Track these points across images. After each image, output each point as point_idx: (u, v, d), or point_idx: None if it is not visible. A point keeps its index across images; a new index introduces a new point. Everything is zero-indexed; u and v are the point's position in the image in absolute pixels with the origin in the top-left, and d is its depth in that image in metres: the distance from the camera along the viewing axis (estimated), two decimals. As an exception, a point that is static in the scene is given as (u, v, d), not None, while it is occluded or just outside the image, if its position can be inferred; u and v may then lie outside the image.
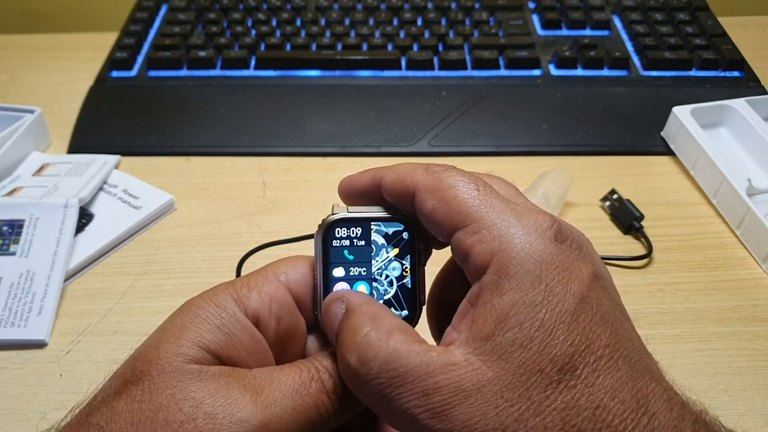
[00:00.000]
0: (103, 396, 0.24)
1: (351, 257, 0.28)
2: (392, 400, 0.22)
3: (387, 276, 0.28)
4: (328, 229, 0.27)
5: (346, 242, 0.28)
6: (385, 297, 0.28)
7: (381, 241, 0.28)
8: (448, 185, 0.25)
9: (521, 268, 0.22)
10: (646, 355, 0.22)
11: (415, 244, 0.28)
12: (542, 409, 0.20)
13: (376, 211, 0.28)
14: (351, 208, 0.28)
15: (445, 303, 0.27)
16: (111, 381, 0.25)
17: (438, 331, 0.30)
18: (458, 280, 0.30)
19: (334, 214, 0.28)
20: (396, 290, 0.28)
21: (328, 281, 0.28)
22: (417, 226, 0.28)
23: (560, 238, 0.23)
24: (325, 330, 0.26)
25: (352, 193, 0.28)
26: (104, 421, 0.23)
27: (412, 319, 0.28)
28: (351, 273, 0.28)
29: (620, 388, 0.21)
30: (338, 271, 0.28)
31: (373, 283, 0.28)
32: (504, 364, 0.21)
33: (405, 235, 0.28)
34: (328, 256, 0.27)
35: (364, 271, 0.28)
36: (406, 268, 0.28)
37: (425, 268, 0.28)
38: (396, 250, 0.28)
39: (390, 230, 0.28)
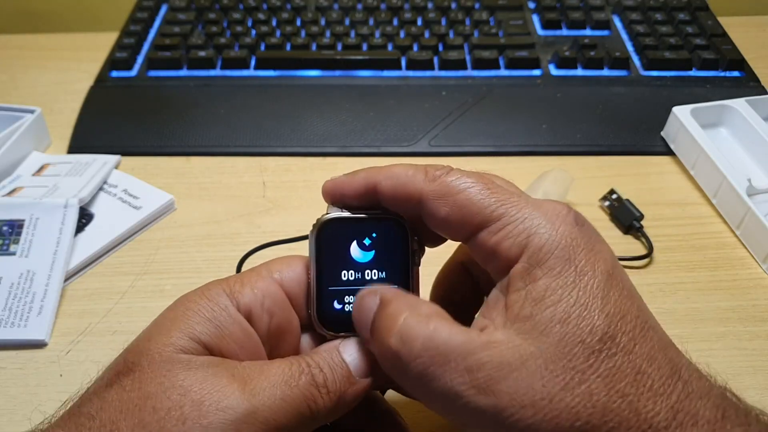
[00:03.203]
0: (96, 387, 0.25)
1: (345, 256, 0.28)
2: (435, 378, 0.22)
3: (380, 275, 0.28)
4: (321, 228, 0.28)
5: (341, 241, 0.28)
6: None
7: (375, 239, 0.28)
8: (458, 189, 0.25)
9: (551, 254, 0.23)
10: (663, 331, 0.24)
11: (408, 244, 0.28)
12: (587, 377, 0.21)
13: (370, 211, 0.28)
14: (344, 208, 0.28)
15: (449, 303, 0.27)
16: (104, 373, 0.25)
17: None
18: (461, 279, 0.30)
19: (328, 214, 0.28)
20: None
21: (322, 280, 0.28)
22: (410, 226, 0.28)
23: (579, 222, 0.24)
24: (358, 325, 0.26)
25: (342, 197, 0.28)
26: (95, 410, 0.23)
27: None
28: (344, 272, 0.28)
29: (655, 356, 0.22)
30: (332, 270, 0.28)
31: (367, 282, 0.28)
32: (545, 338, 0.22)
33: (398, 234, 0.28)
34: (321, 255, 0.28)
35: (357, 270, 0.28)
36: (400, 267, 0.28)
37: (419, 268, 0.28)
38: (390, 249, 0.28)
39: (384, 229, 0.28)
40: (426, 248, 0.29)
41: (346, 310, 0.28)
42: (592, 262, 0.23)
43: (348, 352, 0.26)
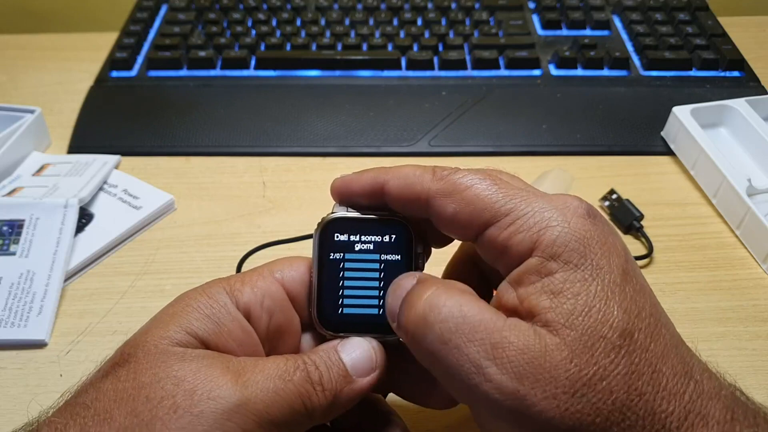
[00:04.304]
0: (92, 378, 0.25)
1: (348, 256, 0.28)
2: (458, 347, 0.22)
3: (384, 276, 0.28)
4: (326, 227, 0.28)
5: (344, 241, 0.28)
6: (381, 296, 0.28)
7: (379, 241, 0.28)
8: (465, 186, 0.25)
9: (565, 247, 0.23)
10: (674, 328, 0.24)
11: (413, 247, 0.28)
12: (608, 373, 0.21)
13: (375, 212, 0.28)
14: (351, 208, 0.28)
15: None
16: (101, 365, 0.25)
17: None
18: (468, 270, 0.30)
19: (333, 213, 0.28)
20: None
21: (324, 279, 0.28)
22: (415, 229, 0.28)
23: (592, 215, 0.24)
24: (391, 305, 0.26)
25: (349, 195, 0.28)
26: (90, 400, 0.23)
27: None
28: (348, 271, 0.28)
29: (668, 354, 0.22)
30: (335, 270, 0.28)
31: (370, 282, 0.28)
32: (568, 331, 0.22)
33: (403, 236, 0.28)
34: (324, 253, 0.28)
35: (361, 270, 0.28)
36: (403, 270, 0.28)
37: (424, 271, 0.28)
38: (394, 251, 0.28)
39: (388, 231, 0.28)
40: (432, 249, 0.29)
41: (347, 310, 0.28)
42: (607, 256, 0.23)
43: (346, 351, 0.26)
